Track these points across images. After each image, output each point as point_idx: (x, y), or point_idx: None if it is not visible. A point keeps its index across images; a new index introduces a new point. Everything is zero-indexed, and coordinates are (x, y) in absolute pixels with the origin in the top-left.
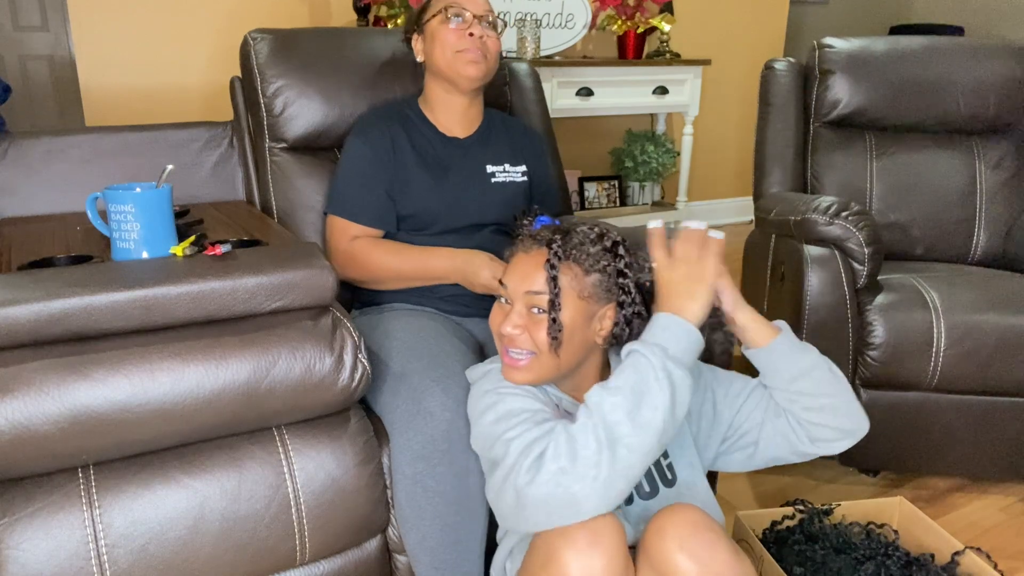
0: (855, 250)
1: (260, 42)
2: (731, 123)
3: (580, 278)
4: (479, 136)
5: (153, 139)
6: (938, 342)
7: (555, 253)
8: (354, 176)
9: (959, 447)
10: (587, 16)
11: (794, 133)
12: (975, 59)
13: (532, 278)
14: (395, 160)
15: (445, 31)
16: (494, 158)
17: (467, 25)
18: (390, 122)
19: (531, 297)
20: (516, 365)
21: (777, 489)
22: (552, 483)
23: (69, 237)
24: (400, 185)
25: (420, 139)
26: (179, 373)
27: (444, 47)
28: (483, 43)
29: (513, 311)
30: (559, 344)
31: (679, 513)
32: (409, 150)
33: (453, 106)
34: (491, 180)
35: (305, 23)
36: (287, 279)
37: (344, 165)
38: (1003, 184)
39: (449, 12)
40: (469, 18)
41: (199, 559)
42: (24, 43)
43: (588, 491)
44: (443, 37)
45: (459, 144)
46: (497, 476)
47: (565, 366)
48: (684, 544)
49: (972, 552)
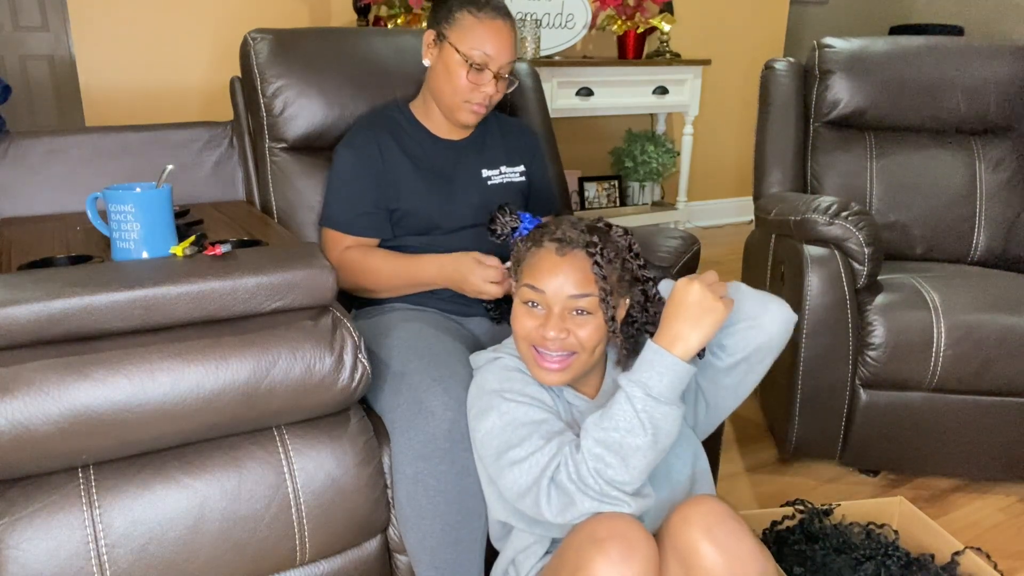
0: (855, 250)
1: (260, 42)
2: (731, 123)
3: (612, 275)
4: (473, 139)
5: (153, 139)
6: (938, 342)
7: (600, 255)
8: (341, 187)
9: (959, 447)
10: (587, 16)
11: (794, 133)
12: (975, 59)
13: (573, 281)
14: (385, 167)
15: (462, 74)
16: (489, 162)
17: (485, 80)
18: (377, 129)
19: (574, 300)
20: (553, 367)
21: (777, 489)
22: (567, 512)
23: (69, 237)
24: (393, 191)
25: (411, 144)
26: (179, 373)
27: (454, 88)
28: (491, 98)
29: (553, 316)
30: (615, 339)
31: (705, 503)
32: (400, 155)
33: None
34: (488, 183)
35: (305, 23)
36: (287, 279)
37: (332, 177)
38: (1003, 184)
39: (475, 58)
40: (489, 77)
41: (199, 559)
42: (24, 43)
43: (598, 507)
44: (457, 79)
45: (452, 146)
46: (521, 494)
47: (596, 360)
48: (710, 532)
49: (972, 552)
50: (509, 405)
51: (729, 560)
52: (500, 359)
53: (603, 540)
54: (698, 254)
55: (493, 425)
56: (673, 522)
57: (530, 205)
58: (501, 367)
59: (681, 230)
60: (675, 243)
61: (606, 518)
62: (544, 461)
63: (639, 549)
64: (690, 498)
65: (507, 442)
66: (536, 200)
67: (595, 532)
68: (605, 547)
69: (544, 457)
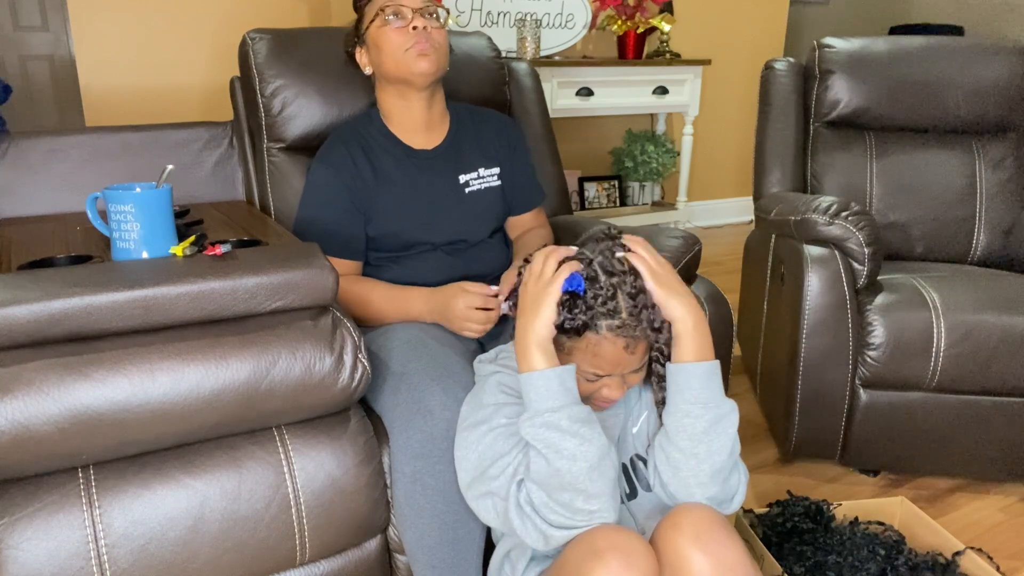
0: (855, 250)
1: (259, 42)
2: (731, 123)
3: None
4: (448, 144)
5: (153, 139)
6: (938, 342)
7: (657, 340)
8: (316, 205)
9: (959, 447)
10: (587, 16)
11: (794, 133)
12: (975, 59)
13: (628, 362)
14: (361, 184)
15: (387, 32)
16: (466, 165)
17: (408, 21)
18: (350, 145)
19: (634, 375)
20: (607, 406)
21: (777, 489)
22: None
23: (69, 237)
24: (368, 209)
25: (384, 158)
26: (179, 373)
27: (391, 48)
28: (429, 35)
29: (612, 384)
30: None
31: (694, 510)
32: (371, 173)
33: (412, 112)
34: (465, 191)
35: (305, 23)
36: (287, 279)
37: (307, 194)
38: (1003, 184)
39: (387, 12)
40: (408, 13)
41: (199, 559)
42: (24, 43)
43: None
44: (387, 38)
45: (426, 156)
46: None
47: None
48: (699, 539)
49: (973, 552)
50: (490, 436)
51: (718, 568)
52: (499, 374)
53: (602, 551)
54: (699, 254)
55: (468, 453)
56: (663, 529)
57: (511, 200)
58: (496, 385)
59: (682, 230)
60: (676, 243)
61: (605, 530)
62: (512, 502)
63: (638, 560)
64: (680, 505)
65: (482, 471)
66: (515, 195)
67: (594, 543)
68: (605, 558)
69: (511, 500)
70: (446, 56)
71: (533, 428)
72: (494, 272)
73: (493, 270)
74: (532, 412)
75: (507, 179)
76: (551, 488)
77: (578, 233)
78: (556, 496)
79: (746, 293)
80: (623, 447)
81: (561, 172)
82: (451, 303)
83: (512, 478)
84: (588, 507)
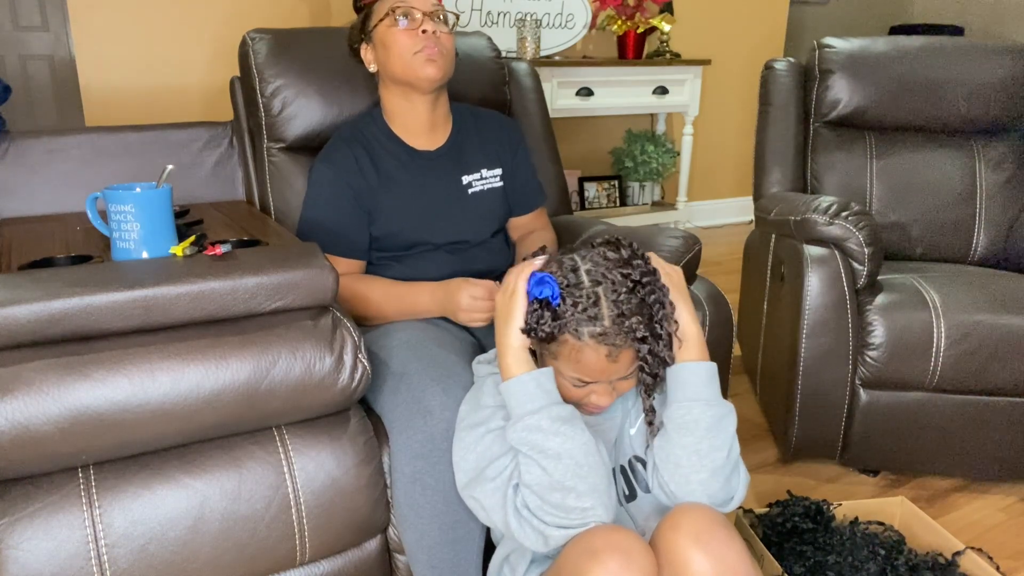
0: (855, 250)
1: (259, 42)
2: (731, 123)
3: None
4: (450, 145)
5: (153, 139)
6: (938, 342)
7: (646, 347)
8: (320, 205)
9: (959, 447)
10: (587, 16)
11: (794, 133)
12: (975, 59)
13: (612, 370)
14: (364, 183)
15: (396, 34)
16: (469, 166)
17: (418, 24)
18: (352, 145)
19: (622, 382)
20: (597, 412)
21: (777, 489)
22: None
23: (69, 237)
24: (371, 208)
25: (386, 158)
26: (179, 373)
27: (399, 50)
28: (438, 39)
29: (600, 391)
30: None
31: (694, 510)
32: (374, 173)
33: (416, 113)
34: (468, 192)
35: (305, 23)
36: (287, 279)
37: (310, 193)
38: (1003, 184)
39: (397, 13)
40: (419, 17)
41: (199, 559)
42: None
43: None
44: (395, 40)
45: (429, 157)
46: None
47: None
48: (699, 539)
49: (973, 552)
50: (488, 438)
51: (718, 567)
52: (497, 375)
53: (600, 552)
54: (699, 254)
55: (466, 455)
56: (663, 529)
57: (513, 201)
58: (494, 386)
59: (682, 230)
60: (676, 243)
61: (603, 530)
62: (510, 506)
63: (637, 560)
64: (679, 505)
65: (479, 473)
66: (517, 196)
67: (592, 544)
68: (603, 559)
69: (508, 504)
70: (452, 61)
71: (517, 433)
72: (495, 272)
73: (494, 270)
74: (514, 418)
75: (509, 180)
76: (542, 490)
77: (578, 233)
78: (548, 497)
79: (746, 293)
80: (621, 449)
81: (561, 172)
82: (456, 294)
83: (508, 481)
84: (581, 504)
